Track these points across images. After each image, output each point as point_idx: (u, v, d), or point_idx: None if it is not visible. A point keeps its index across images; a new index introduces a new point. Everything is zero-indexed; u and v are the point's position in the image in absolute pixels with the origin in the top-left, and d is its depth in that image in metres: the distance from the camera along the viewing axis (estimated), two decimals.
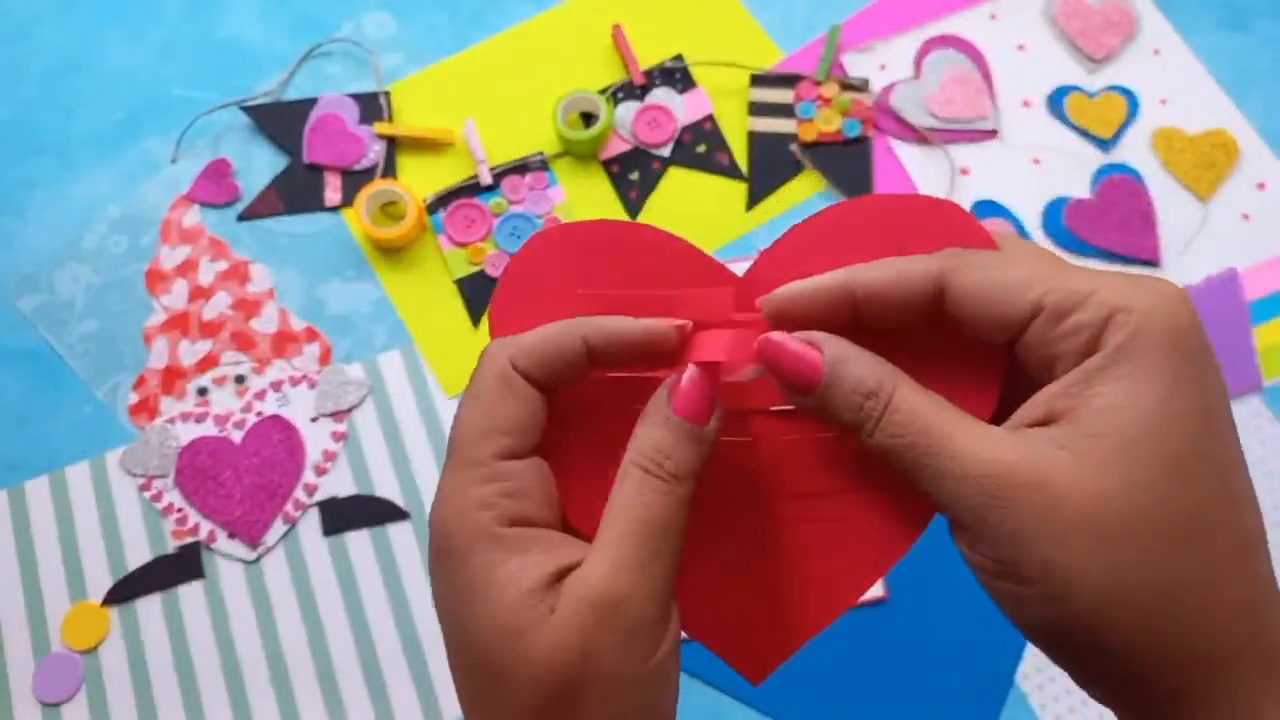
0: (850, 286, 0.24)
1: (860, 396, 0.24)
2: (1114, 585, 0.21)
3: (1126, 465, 0.21)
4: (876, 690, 0.58)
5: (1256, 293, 0.66)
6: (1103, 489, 0.21)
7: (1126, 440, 0.21)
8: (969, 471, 0.22)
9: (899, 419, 0.23)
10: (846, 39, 0.72)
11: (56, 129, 0.71)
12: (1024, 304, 0.23)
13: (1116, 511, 0.21)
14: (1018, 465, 0.22)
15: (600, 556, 0.24)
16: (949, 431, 0.23)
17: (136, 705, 0.59)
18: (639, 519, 0.24)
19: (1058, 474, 0.21)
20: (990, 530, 0.22)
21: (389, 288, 0.67)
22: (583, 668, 0.23)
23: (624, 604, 0.23)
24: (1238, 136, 0.69)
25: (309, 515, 0.62)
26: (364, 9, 0.73)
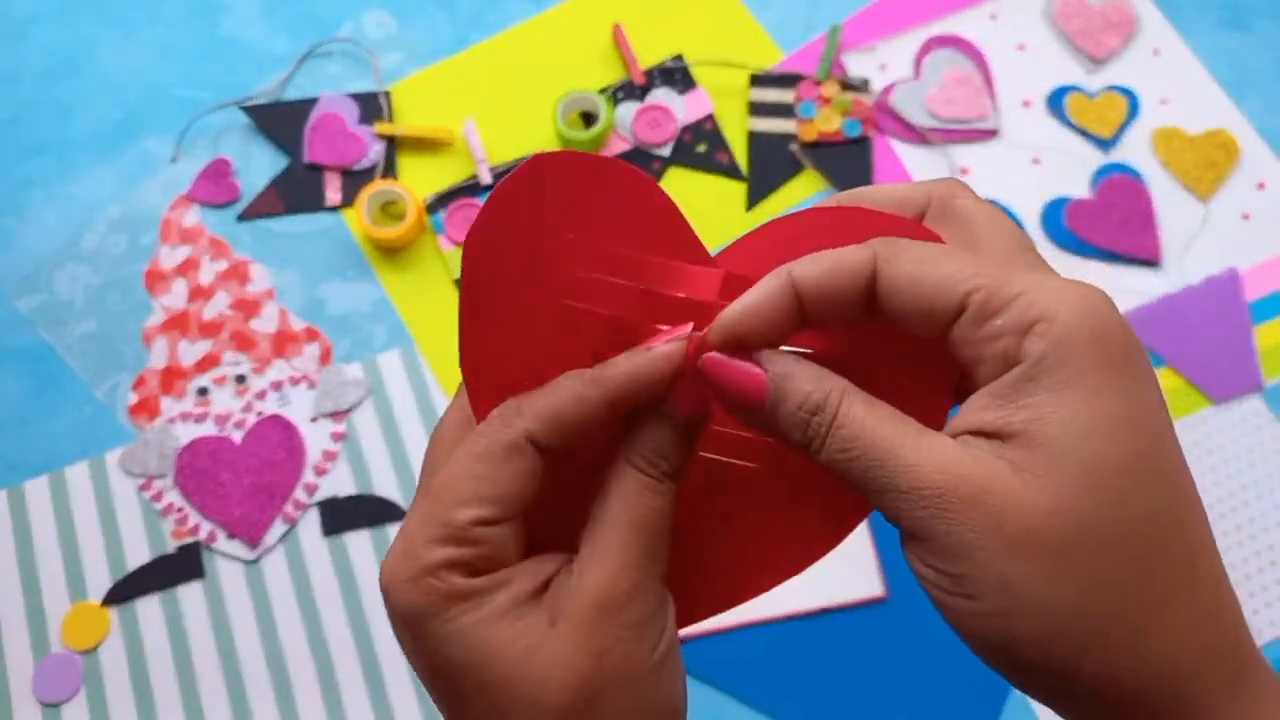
0: (792, 286, 0.24)
1: (806, 413, 0.24)
2: (1060, 601, 0.20)
3: (1063, 478, 0.21)
4: (876, 690, 0.58)
5: (1256, 293, 0.66)
6: (1042, 502, 0.21)
7: (1060, 453, 0.21)
8: (915, 484, 0.22)
9: (844, 434, 0.23)
10: (846, 39, 0.72)
11: (56, 129, 0.71)
12: (950, 299, 0.22)
13: (1058, 524, 0.20)
14: (963, 477, 0.21)
15: (601, 559, 0.24)
16: (896, 444, 0.22)
17: (136, 705, 0.58)
18: (641, 522, 0.24)
19: (1001, 487, 0.21)
20: (939, 543, 0.22)
21: (389, 288, 0.67)
22: (599, 671, 0.23)
23: (629, 604, 0.24)
24: (1238, 136, 0.69)
25: (309, 515, 0.62)
26: (364, 9, 0.73)
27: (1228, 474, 0.62)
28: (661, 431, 0.25)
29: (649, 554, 0.24)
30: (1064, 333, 0.21)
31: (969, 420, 0.22)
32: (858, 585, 0.59)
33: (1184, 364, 0.64)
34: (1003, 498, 0.21)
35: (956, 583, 0.22)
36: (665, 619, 0.25)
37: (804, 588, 0.60)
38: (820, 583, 0.60)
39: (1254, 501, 0.61)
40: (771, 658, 0.58)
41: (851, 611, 0.59)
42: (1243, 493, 0.61)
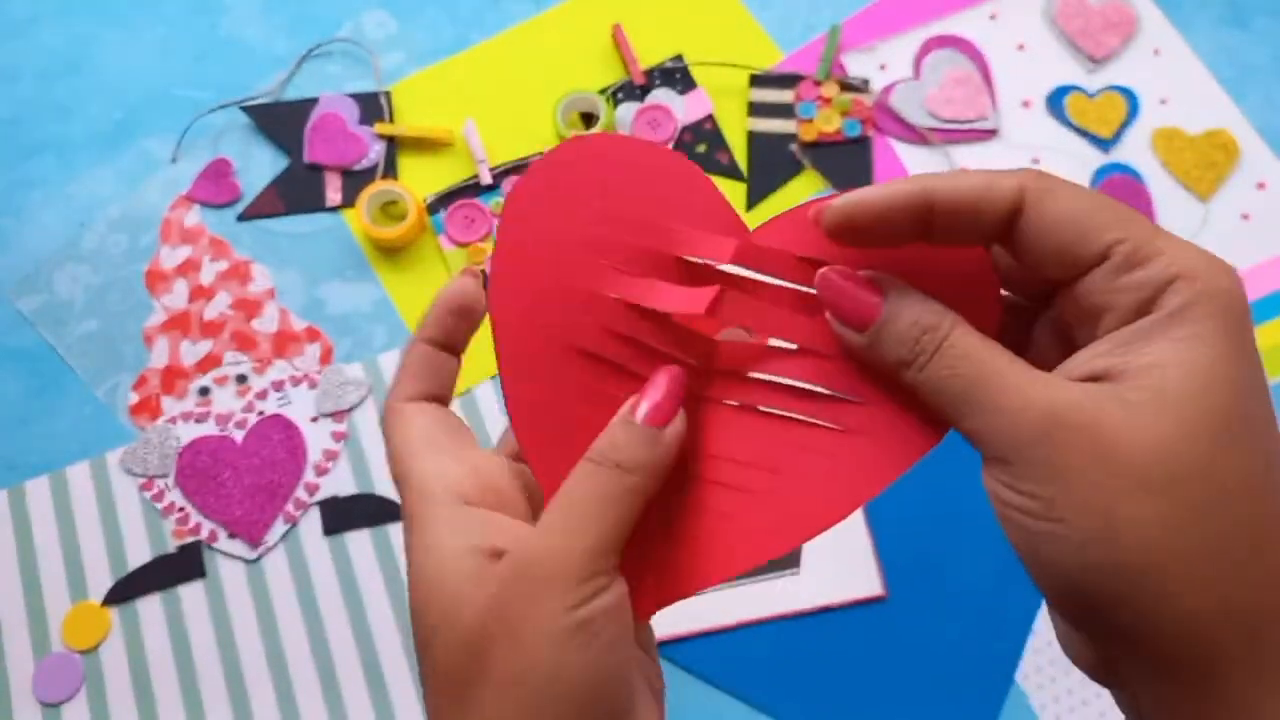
0: (928, 196, 0.24)
1: (919, 330, 0.24)
2: (1162, 533, 0.21)
3: (1180, 420, 0.21)
4: (876, 690, 0.58)
5: (1256, 293, 0.66)
6: (1156, 440, 0.21)
7: (1181, 396, 0.21)
8: (1023, 405, 0.22)
9: (955, 352, 0.24)
10: (846, 39, 0.72)
11: (56, 129, 0.71)
12: (1097, 245, 0.23)
13: (1169, 463, 0.21)
14: (1073, 406, 0.22)
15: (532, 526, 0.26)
16: (1004, 368, 0.23)
17: (136, 705, 0.59)
18: (570, 491, 0.26)
19: (1112, 420, 0.21)
20: (1037, 467, 0.22)
21: (389, 288, 0.67)
22: (499, 623, 0.25)
23: (541, 561, 0.25)
24: (1238, 136, 0.69)
25: (310, 515, 0.62)
26: (364, 9, 0.73)
27: None
28: (618, 430, 0.26)
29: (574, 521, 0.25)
30: (1203, 292, 0.22)
31: (1088, 364, 0.23)
32: (858, 585, 0.59)
33: None
34: (1114, 430, 0.21)
35: (1047, 506, 0.22)
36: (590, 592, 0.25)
37: (804, 587, 0.60)
38: (820, 582, 0.60)
39: None
40: (771, 657, 0.59)
41: (851, 611, 0.59)
42: None
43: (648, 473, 0.26)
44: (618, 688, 0.26)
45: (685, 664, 0.58)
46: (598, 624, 0.25)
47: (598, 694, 0.25)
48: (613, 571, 0.26)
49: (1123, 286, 0.23)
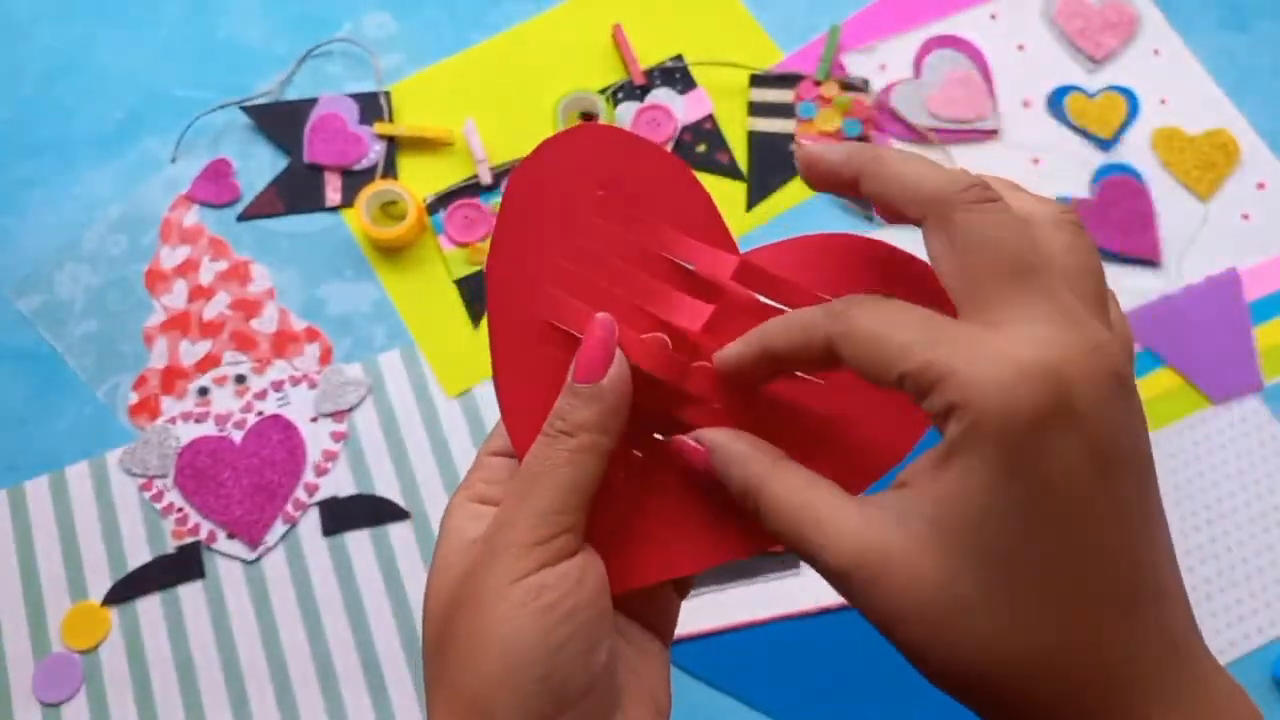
0: (765, 348, 0.27)
1: (741, 495, 0.27)
2: (966, 663, 0.23)
3: (954, 559, 0.23)
4: (876, 690, 0.58)
5: (1256, 293, 0.66)
6: (933, 580, 0.23)
7: (957, 535, 0.23)
8: (826, 567, 0.25)
9: (769, 518, 0.26)
10: (846, 39, 0.72)
11: (56, 129, 0.71)
12: (892, 377, 0.24)
13: (943, 601, 0.23)
14: (860, 560, 0.24)
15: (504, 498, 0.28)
16: (806, 525, 0.25)
17: (136, 705, 0.59)
18: (524, 468, 0.28)
19: (893, 565, 0.23)
20: (860, 609, 0.24)
21: (389, 288, 0.67)
22: (461, 592, 0.27)
23: (496, 530, 0.27)
24: (1238, 136, 0.69)
25: (309, 515, 0.62)
26: (364, 9, 0.73)
27: (1226, 474, 0.62)
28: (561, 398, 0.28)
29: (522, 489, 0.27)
30: (976, 422, 0.22)
31: (909, 471, 0.25)
32: None
33: (1183, 364, 0.64)
34: (898, 576, 0.23)
35: (888, 639, 0.24)
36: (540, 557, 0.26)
37: (804, 587, 0.60)
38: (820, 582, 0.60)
39: (1254, 501, 0.61)
40: (771, 658, 0.58)
41: (851, 611, 0.59)
42: (1243, 493, 0.61)
43: (593, 428, 0.27)
44: (581, 666, 0.26)
45: (685, 664, 0.58)
46: (551, 591, 0.26)
47: (556, 665, 0.25)
48: (570, 537, 0.27)
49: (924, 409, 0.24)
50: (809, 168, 0.28)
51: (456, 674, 0.26)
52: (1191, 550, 0.60)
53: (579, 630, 0.26)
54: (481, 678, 0.25)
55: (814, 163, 0.28)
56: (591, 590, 0.26)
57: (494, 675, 0.25)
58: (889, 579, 0.23)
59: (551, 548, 0.26)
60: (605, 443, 0.27)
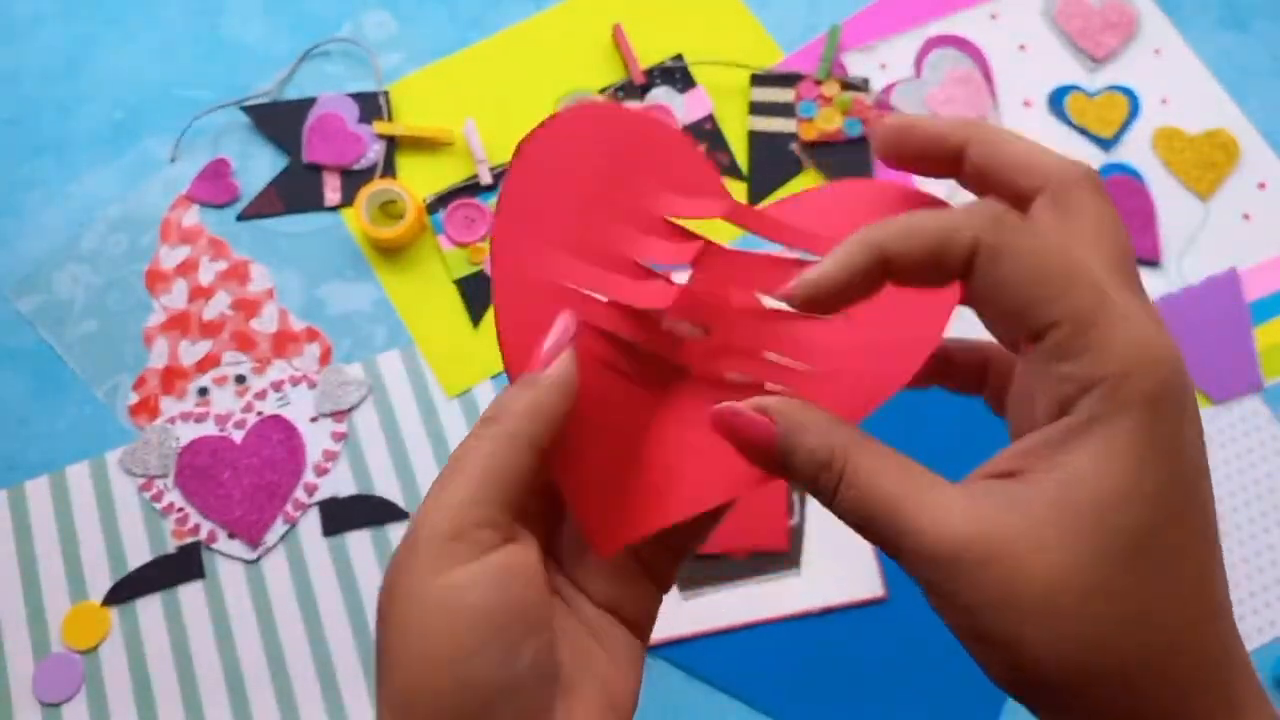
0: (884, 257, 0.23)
1: (814, 468, 0.24)
2: (1068, 658, 0.21)
3: (1083, 542, 0.21)
4: (876, 690, 0.58)
5: (1256, 293, 0.66)
6: (1057, 564, 0.21)
7: (1087, 517, 0.21)
8: (922, 549, 0.22)
9: (852, 494, 0.23)
10: (847, 38, 0.72)
11: (56, 129, 0.71)
12: (1035, 323, 0.22)
13: (1070, 589, 0.21)
14: (970, 541, 0.22)
15: None
16: (901, 504, 0.23)
17: (136, 705, 0.59)
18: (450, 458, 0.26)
19: (1011, 549, 0.21)
20: (950, 601, 0.22)
21: (389, 288, 0.67)
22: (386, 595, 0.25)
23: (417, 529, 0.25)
24: (1238, 136, 0.69)
25: (309, 515, 0.62)
26: (364, 8, 0.73)
27: (1227, 474, 0.62)
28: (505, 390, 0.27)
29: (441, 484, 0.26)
30: (1126, 398, 0.21)
31: (1004, 463, 0.23)
32: (858, 585, 0.59)
33: None
34: (1011, 563, 0.21)
35: (971, 632, 0.22)
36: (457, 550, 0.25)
37: (804, 588, 0.60)
38: (820, 583, 0.60)
39: (1254, 501, 0.61)
40: (771, 658, 0.58)
41: (851, 611, 0.59)
42: (1243, 493, 0.61)
43: (521, 416, 0.26)
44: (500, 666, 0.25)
45: (685, 664, 0.58)
46: (468, 594, 0.24)
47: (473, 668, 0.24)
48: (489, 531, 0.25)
49: (1052, 376, 0.22)
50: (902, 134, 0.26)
51: (385, 674, 0.25)
52: None
53: (495, 635, 0.24)
54: (404, 680, 0.24)
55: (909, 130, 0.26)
56: (512, 590, 0.25)
57: (413, 679, 0.24)
58: (1002, 565, 0.21)
59: (467, 542, 0.25)
60: (531, 433, 0.26)
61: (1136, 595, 0.21)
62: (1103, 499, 0.21)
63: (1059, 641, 0.21)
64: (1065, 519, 0.21)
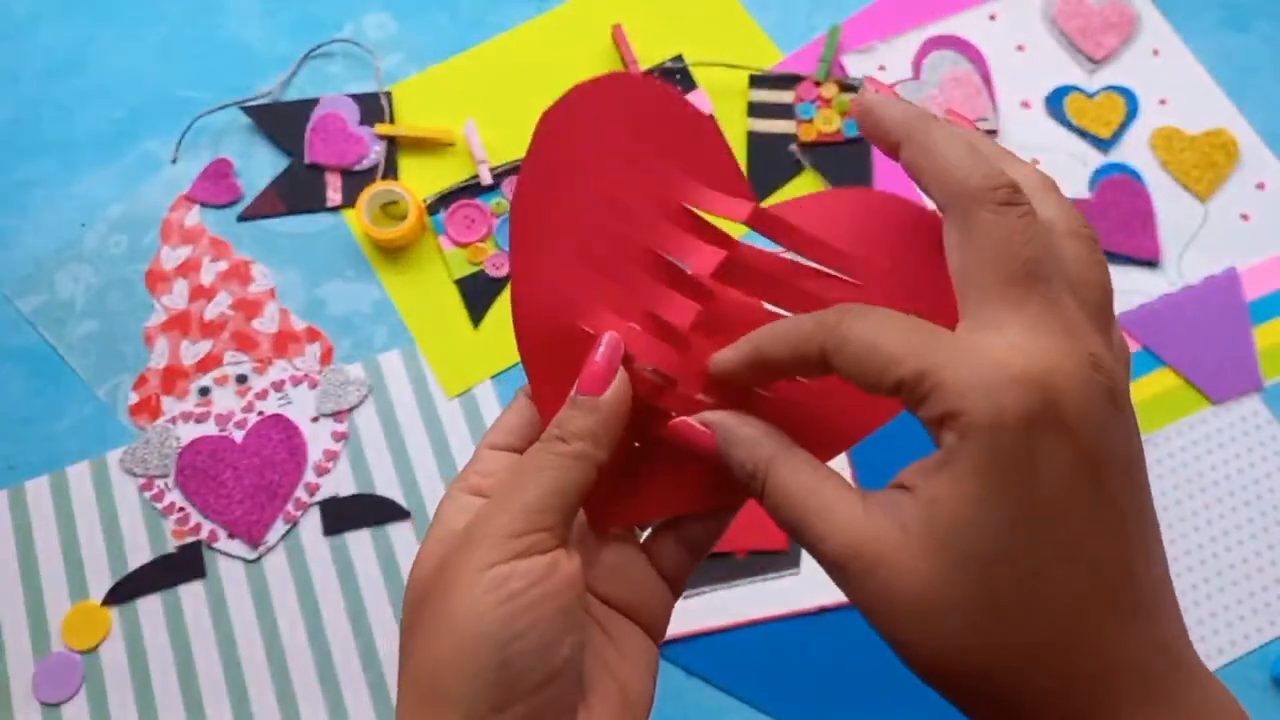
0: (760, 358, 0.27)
1: (745, 477, 0.28)
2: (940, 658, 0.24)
3: (943, 558, 0.23)
4: (876, 690, 0.58)
5: (1256, 293, 0.66)
6: (925, 578, 0.23)
7: (944, 535, 0.23)
8: (824, 553, 0.25)
9: (770, 501, 0.27)
10: (846, 40, 0.72)
11: (56, 129, 0.71)
12: (888, 384, 0.24)
13: (932, 600, 0.23)
14: (860, 549, 0.24)
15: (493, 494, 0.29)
16: (809, 512, 0.26)
17: (137, 705, 0.59)
18: (516, 466, 0.29)
19: (889, 559, 0.24)
20: (853, 601, 0.25)
21: (389, 288, 0.67)
22: (438, 576, 0.28)
23: (479, 521, 0.28)
24: (1238, 136, 0.69)
25: (310, 515, 0.62)
26: (365, 9, 0.74)
27: (1227, 474, 0.62)
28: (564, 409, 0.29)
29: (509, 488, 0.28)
30: (967, 429, 0.23)
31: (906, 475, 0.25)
32: None
33: (1183, 364, 0.64)
34: (892, 570, 0.24)
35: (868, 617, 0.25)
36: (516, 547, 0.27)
37: (804, 587, 0.60)
38: (820, 582, 0.60)
39: (1254, 501, 0.61)
40: (771, 657, 0.59)
41: (851, 611, 0.59)
42: (1242, 493, 0.61)
43: (586, 440, 0.28)
44: (539, 658, 0.26)
45: (685, 664, 0.58)
46: (518, 582, 0.26)
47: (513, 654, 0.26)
48: (547, 536, 0.27)
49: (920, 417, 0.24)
50: (864, 114, 0.28)
51: (420, 653, 0.27)
52: (1191, 550, 0.60)
53: (540, 623, 0.26)
54: (441, 658, 0.26)
55: (868, 113, 0.28)
56: (559, 586, 0.27)
57: (452, 656, 0.26)
58: (882, 573, 0.24)
59: (526, 541, 0.27)
60: (596, 454, 0.28)
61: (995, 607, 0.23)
62: (954, 524, 0.23)
63: (936, 646, 0.24)
64: (930, 538, 0.24)
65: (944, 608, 0.23)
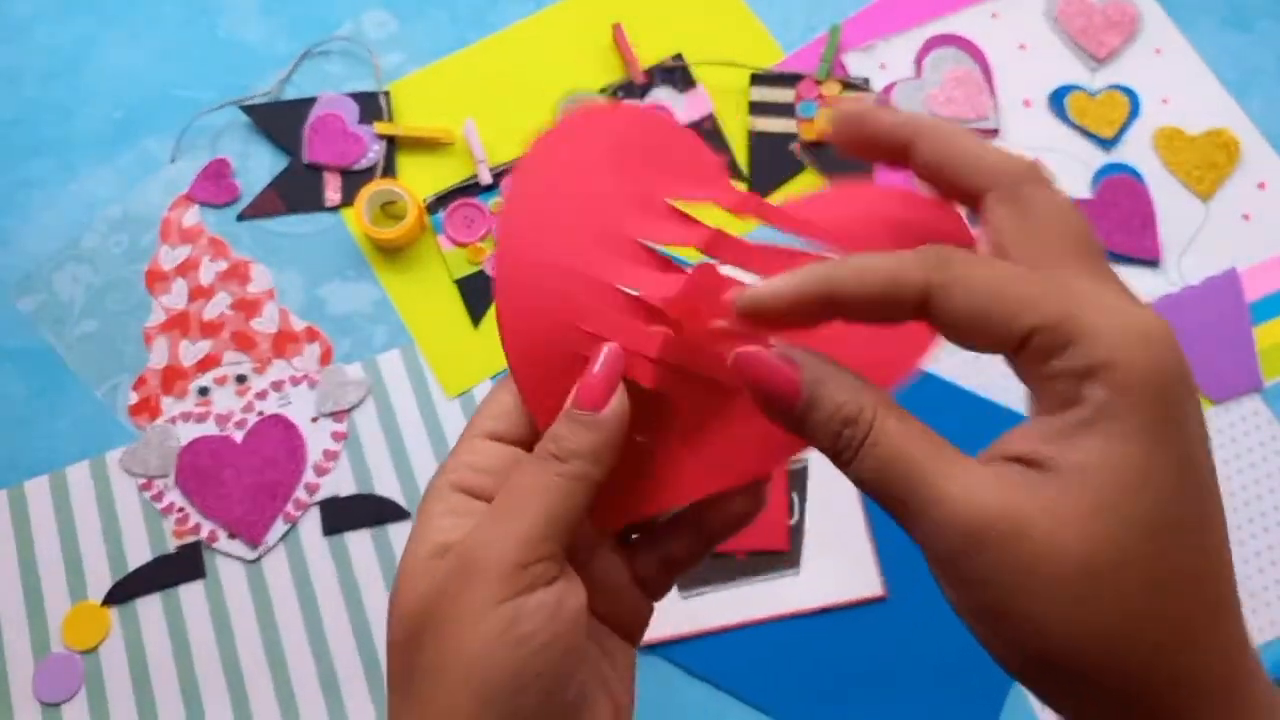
0: (831, 293, 0.23)
1: (839, 424, 0.23)
2: (1088, 638, 0.21)
3: (1102, 526, 0.21)
4: (876, 690, 0.58)
5: (1256, 293, 0.65)
6: (1080, 548, 0.21)
7: (1104, 502, 0.21)
8: (950, 517, 0.22)
9: (878, 453, 0.23)
10: (847, 38, 0.72)
11: (56, 129, 0.71)
12: (1012, 335, 0.22)
13: (1092, 571, 0.21)
14: (999, 515, 0.21)
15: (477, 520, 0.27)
16: (930, 470, 0.22)
17: (137, 705, 0.59)
18: (511, 486, 0.27)
19: (1037, 528, 0.21)
20: (969, 574, 0.22)
21: (389, 288, 0.67)
22: (434, 611, 0.25)
23: (475, 549, 0.26)
24: (1239, 136, 0.69)
25: (310, 515, 0.62)
26: (364, 8, 0.73)
27: (1227, 474, 0.62)
28: (560, 423, 0.27)
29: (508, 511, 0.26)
30: (1126, 382, 0.21)
31: (1019, 446, 0.22)
32: (857, 584, 0.59)
33: None
34: (1038, 541, 0.21)
35: (987, 610, 0.22)
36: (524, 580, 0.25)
37: (804, 587, 0.60)
38: (820, 582, 0.60)
39: (1254, 501, 0.61)
40: (771, 657, 0.59)
41: (851, 611, 0.59)
42: (1242, 493, 0.61)
43: (586, 458, 0.26)
44: (550, 700, 0.25)
45: (685, 664, 0.58)
46: (527, 624, 0.25)
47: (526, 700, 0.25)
48: (551, 564, 0.26)
49: (1044, 375, 0.22)
50: (852, 124, 0.26)
51: (426, 695, 0.25)
52: None
53: (551, 665, 0.25)
54: (450, 704, 0.25)
55: (858, 120, 0.26)
56: (568, 624, 0.26)
57: (463, 704, 0.24)
58: (1034, 538, 0.21)
59: (531, 573, 0.25)
60: (596, 474, 0.26)
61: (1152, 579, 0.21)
62: (1121, 484, 0.21)
63: (1077, 623, 0.21)
64: (1085, 505, 0.21)
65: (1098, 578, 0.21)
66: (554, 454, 0.26)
